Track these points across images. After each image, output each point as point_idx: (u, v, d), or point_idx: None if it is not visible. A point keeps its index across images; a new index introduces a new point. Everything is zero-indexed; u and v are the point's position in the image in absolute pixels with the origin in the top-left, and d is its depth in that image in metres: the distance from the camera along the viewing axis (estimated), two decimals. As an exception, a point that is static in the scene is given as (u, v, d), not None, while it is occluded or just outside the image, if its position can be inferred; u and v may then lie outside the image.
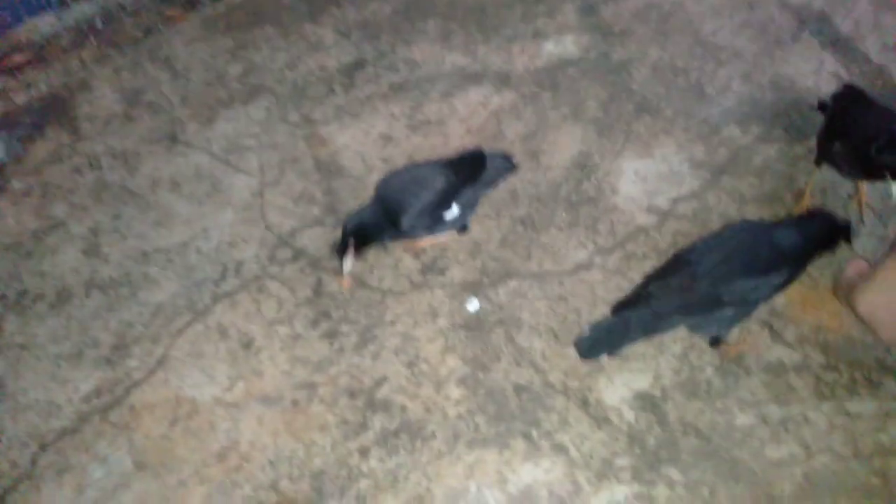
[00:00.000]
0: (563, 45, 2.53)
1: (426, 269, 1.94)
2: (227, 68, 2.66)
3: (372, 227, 1.78)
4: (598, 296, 1.82)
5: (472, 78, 2.47)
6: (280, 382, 1.75)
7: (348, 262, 1.78)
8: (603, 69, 2.40)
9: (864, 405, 1.54)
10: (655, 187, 2.05)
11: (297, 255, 2.01)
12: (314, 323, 1.85)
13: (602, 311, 1.78)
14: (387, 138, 2.31)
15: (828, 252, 1.59)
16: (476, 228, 2.01)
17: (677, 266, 1.52)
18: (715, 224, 1.92)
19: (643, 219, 1.98)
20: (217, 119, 2.47)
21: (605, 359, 1.67)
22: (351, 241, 1.75)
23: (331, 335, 1.82)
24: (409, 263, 1.95)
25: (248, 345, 1.82)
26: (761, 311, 1.71)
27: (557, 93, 2.36)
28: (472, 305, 1.84)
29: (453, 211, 1.81)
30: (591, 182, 2.09)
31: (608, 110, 2.27)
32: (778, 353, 1.65)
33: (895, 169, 1.61)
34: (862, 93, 1.86)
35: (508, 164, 1.95)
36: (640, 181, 2.07)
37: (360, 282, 1.92)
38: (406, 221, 1.75)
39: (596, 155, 2.16)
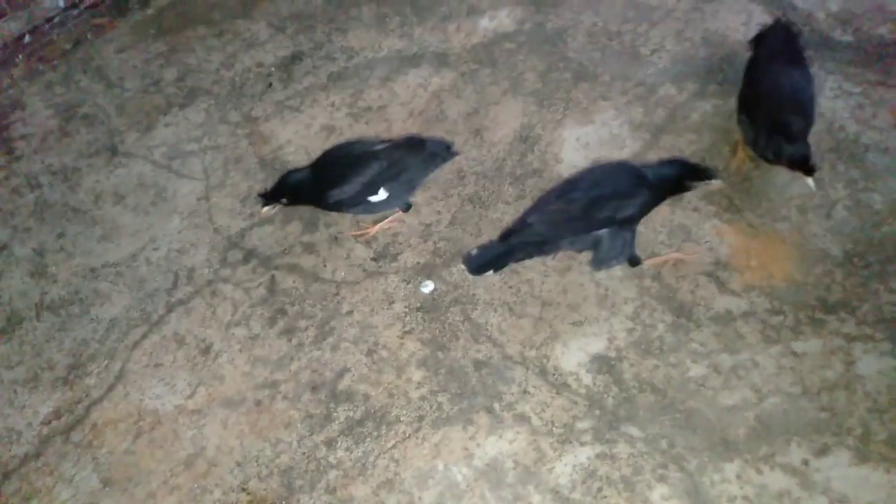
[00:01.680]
0: (497, 20, 2.52)
1: (379, 256, 1.94)
2: (161, 73, 2.62)
3: (305, 192, 1.87)
4: (549, 266, 1.84)
5: (410, 61, 2.46)
6: (241, 384, 1.75)
7: (272, 210, 1.90)
8: (539, 40, 2.41)
9: (809, 344, 1.59)
10: (598, 153, 2.07)
11: (249, 255, 2.00)
12: (271, 321, 1.84)
13: (554, 279, 1.81)
14: (329, 129, 2.29)
15: (683, 188, 1.73)
16: (425, 210, 2.01)
17: (554, 195, 1.72)
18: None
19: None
20: (156, 126, 2.43)
21: (560, 324, 1.70)
22: (282, 200, 1.87)
23: (289, 332, 1.82)
24: (362, 252, 1.95)
25: (206, 350, 1.81)
26: (707, 264, 1.75)
27: (496, 68, 2.36)
28: (427, 287, 1.85)
29: (380, 195, 1.84)
30: (534, 154, 2.10)
31: (546, 81, 2.28)
32: (725, 302, 1.69)
33: (794, 163, 1.67)
34: (787, 38, 1.90)
35: (446, 151, 1.97)
36: (582, 148, 2.08)
37: (314, 276, 1.92)
38: (332, 197, 1.82)
39: (538, 126, 2.17)
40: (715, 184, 1.72)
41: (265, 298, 1.90)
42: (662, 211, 1.82)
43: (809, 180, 1.69)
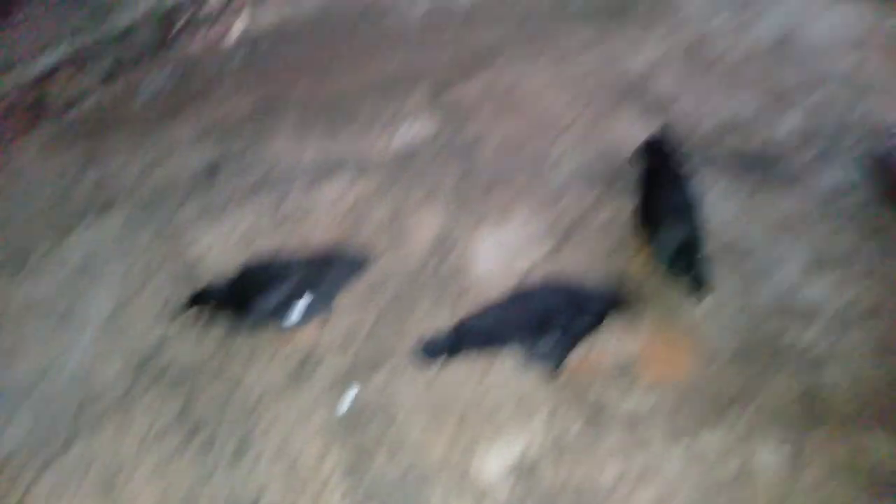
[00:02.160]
0: (414, 131, 2.68)
1: (302, 363, 1.94)
2: (77, 182, 2.60)
3: (220, 302, 1.94)
4: (468, 370, 1.89)
5: (331, 169, 2.56)
6: (154, 510, 1.68)
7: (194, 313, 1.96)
8: (453, 150, 2.56)
9: (711, 439, 1.69)
10: (512, 255, 2.18)
11: (165, 368, 1.96)
12: (186, 440, 1.79)
13: (472, 384, 1.86)
14: (250, 237, 2.32)
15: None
16: (346, 319, 2.04)
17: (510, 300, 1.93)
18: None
19: (503, 286, 2.09)
20: (71, 234, 2.39)
21: (480, 430, 1.74)
22: (208, 306, 1.95)
23: (204, 451, 1.77)
24: (281, 364, 1.95)
25: (115, 475, 1.74)
26: (615, 365, 1.86)
27: (414, 175, 2.48)
28: (349, 396, 1.86)
29: (299, 307, 1.91)
30: (452, 258, 2.19)
31: (461, 188, 2.41)
32: (633, 401, 1.78)
33: (686, 277, 1.84)
34: (664, 157, 2.13)
35: (361, 261, 2.08)
36: (497, 251, 2.20)
37: (232, 389, 1.90)
38: (252, 309, 1.89)
39: (455, 231, 2.28)
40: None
41: (180, 415, 1.85)
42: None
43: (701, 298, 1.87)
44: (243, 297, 1.92)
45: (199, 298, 1.98)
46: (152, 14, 3.45)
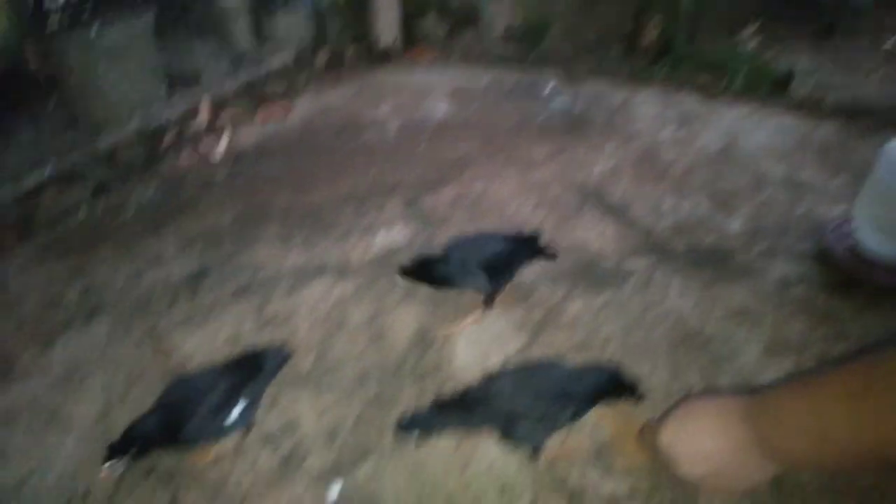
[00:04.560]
0: (391, 236, 2.85)
1: (285, 461, 1.97)
2: (65, 290, 2.68)
3: (150, 438, 1.81)
4: (450, 460, 1.94)
5: (312, 273, 2.69)
6: None
7: (117, 466, 1.78)
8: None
9: (687, 519, 1.75)
10: (487, 349, 2.29)
11: (149, 471, 1.96)
12: (171, 541, 1.78)
13: (455, 474, 1.90)
14: (235, 340, 2.39)
15: (610, 399, 1.90)
16: (330, 414, 2.10)
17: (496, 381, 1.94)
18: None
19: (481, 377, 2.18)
20: (55, 343, 2.44)
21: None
22: (130, 452, 1.78)
23: (189, 551, 1.76)
24: (267, 459, 1.98)
25: (96, 581, 1.71)
26: (592, 451, 1.93)
27: (392, 277, 2.62)
28: (334, 490, 1.88)
29: (233, 415, 1.88)
30: (431, 354, 2.29)
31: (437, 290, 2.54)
32: (611, 485, 1.84)
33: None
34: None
35: (284, 355, 2.11)
36: (472, 346, 2.30)
37: (218, 488, 1.90)
38: (187, 433, 1.80)
39: (433, 329, 2.39)
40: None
41: (165, 516, 1.84)
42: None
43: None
44: (174, 424, 1.79)
45: (128, 439, 1.80)
46: (140, 133, 3.66)
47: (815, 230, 2.74)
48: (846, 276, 2.49)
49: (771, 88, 3.87)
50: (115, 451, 1.80)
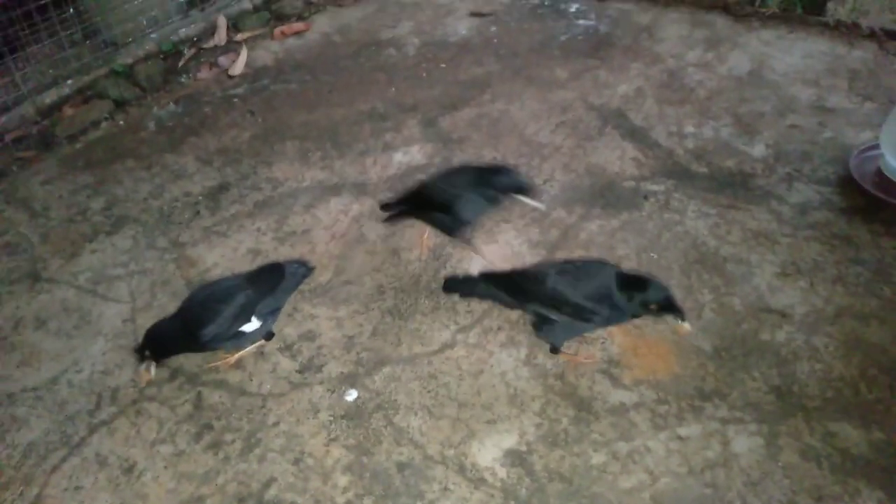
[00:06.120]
0: (410, 155, 2.84)
1: (304, 368, 2.05)
2: (88, 203, 2.73)
3: (170, 340, 1.91)
4: (464, 369, 2.01)
5: (331, 190, 2.70)
6: (166, 502, 1.75)
7: (151, 369, 1.93)
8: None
9: (690, 429, 1.81)
10: (502, 268, 2.31)
11: (175, 373, 2.06)
12: (197, 437, 1.88)
13: (468, 382, 1.97)
14: (255, 252, 2.45)
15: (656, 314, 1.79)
16: (348, 323, 2.16)
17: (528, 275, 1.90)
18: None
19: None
20: (82, 253, 2.51)
21: (476, 423, 1.85)
22: (147, 354, 1.90)
23: (215, 446, 1.86)
24: (287, 365, 2.06)
25: (129, 470, 1.82)
26: (601, 362, 1.98)
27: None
28: (351, 396, 1.96)
29: (253, 323, 1.93)
30: (446, 270, 2.33)
31: (454, 206, 2.55)
32: (618, 395, 1.90)
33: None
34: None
35: (305, 269, 2.10)
36: (488, 264, 2.33)
37: (240, 390, 1.99)
38: (205, 335, 1.86)
39: (448, 245, 2.42)
40: (684, 326, 1.76)
41: (191, 415, 1.94)
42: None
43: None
44: (193, 327, 1.86)
45: (150, 341, 1.91)
46: (158, 49, 3.63)
47: (839, 156, 2.69)
48: (867, 200, 2.46)
49: (805, 10, 3.70)
50: (139, 353, 1.91)
